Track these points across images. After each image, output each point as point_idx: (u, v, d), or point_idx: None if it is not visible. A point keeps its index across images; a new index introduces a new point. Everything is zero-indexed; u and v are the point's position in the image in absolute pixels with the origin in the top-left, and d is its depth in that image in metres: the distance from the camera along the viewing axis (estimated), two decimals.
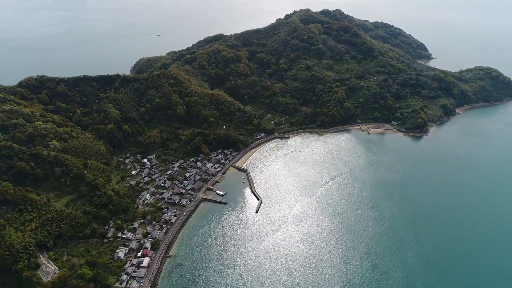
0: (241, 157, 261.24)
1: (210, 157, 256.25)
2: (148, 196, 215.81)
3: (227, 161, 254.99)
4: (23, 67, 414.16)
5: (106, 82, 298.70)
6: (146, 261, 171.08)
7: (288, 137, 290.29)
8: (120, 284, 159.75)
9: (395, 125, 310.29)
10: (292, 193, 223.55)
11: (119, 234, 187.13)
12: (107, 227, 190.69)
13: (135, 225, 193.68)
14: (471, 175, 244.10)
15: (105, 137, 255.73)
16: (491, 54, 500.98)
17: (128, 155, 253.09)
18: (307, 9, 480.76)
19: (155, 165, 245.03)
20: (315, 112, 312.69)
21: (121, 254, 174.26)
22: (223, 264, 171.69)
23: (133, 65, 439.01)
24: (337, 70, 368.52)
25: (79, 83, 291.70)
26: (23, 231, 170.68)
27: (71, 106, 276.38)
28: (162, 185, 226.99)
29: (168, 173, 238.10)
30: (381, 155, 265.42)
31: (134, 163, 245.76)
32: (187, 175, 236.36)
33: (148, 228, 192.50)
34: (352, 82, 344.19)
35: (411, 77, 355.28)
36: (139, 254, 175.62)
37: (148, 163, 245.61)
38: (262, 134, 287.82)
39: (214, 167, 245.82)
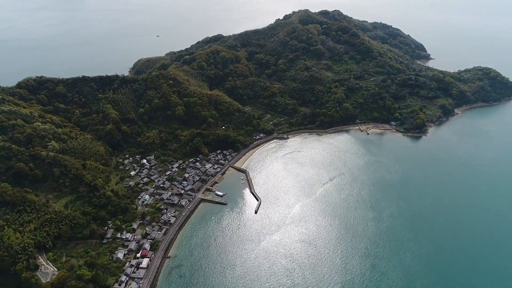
0: (240, 157, 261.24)
1: (209, 157, 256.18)
2: (147, 196, 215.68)
3: (226, 161, 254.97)
4: (21, 67, 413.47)
5: (105, 82, 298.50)
6: (145, 262, 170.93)
7: (287, 138, 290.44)
8: (119, 285, 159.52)
9: (394, 125, 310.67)
10: (291, 193, 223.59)
11: (118, 235, 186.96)
12: (106, 228, 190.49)
13: (134, 226, 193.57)
14: (470, 175, 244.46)
15: (104, 137, 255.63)
16: (489, 55, 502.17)
17: (127, 155, 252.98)
18: (306, 9, 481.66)
19: (154, 165, 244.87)
20: (314, 112, 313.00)
21: (120, 255, 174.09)
22: (223, 264, 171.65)
23: (132, 66, 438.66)
24: (336, 71, 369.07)
25: (78, 84, 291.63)
26: (22, 232, 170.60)
27: (70, 107, 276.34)
28: (161, 185, 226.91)
29: (167, 173, 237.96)
30: (380, 156, 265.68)
31: (133, 164, 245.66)
32: (186, 175, 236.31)
33: (147, 228, 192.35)
34: (351, 83, 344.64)
35: (410, 77, 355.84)
36: (138, 255, 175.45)
37: (147, 163, 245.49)
38: (261, 135, 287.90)
39: (213, 168, 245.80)
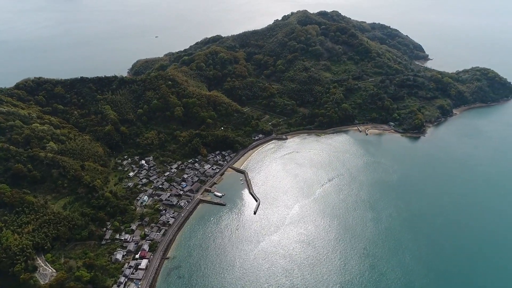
0: (239, 158, 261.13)
1: (208, 158, 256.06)
2: (146, 197, 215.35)
3: (225, 162, 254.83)
4: (20, 68, 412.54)
5: (104, 83, 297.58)
6: (144, 263, 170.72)
7: (286, 138, 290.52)
8: (118, 286, 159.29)
9: (393, 126, 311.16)
10: (290, 194, 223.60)
11: (117, 236, 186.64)
12: (104, 229, 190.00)
13: (133, 227, 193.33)
14: (469, 175, 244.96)
15: (102, 138, 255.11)
16: (487, 55, 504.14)
17: (125, 156, 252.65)
18: (304, 10, 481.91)
19: (153, 166, 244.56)
20: (312, 113, 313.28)
21: (119, 256, 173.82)
22: (222, 265, 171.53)
23: (130, 67, 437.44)
24: (334, 71, 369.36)
25: (76, 85, 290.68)
26: (20, 233, 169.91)
27: (68, 108, 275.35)
28: (160, 186, 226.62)
29: (166, 174, 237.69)
30: (379, 156, 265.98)
31: (132, 165, 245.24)
32: (185, 176, 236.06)
33: (146, 230, 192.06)
34: (350, 83, 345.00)
35: (408, 78, 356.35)
36: (137, 256, 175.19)
37: (146, 164, 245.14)
38: (260, 135, 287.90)
39: (212, 169, 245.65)
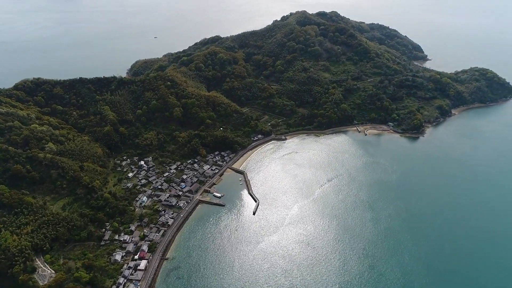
0: (238, 158, 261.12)
1: (207, 159, 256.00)
2: (145, 198, 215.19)
3: (224, 163, 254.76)
4: (18, 69, 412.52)
5: (103, 84, 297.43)
6: (143, 263, 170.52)
7: (285, 139, 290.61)
8: (117, 287, 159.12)
9: (392, 126, 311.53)
10: (290, 194, 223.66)
11: (116, 237, 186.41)
12: (104, 229, 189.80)
13: (132, 227, 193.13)
14: (468, 175, 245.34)
15: (101, 139, 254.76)
16: (486, 55, 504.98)
17: (124, 157, 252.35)
18: (303, 11, 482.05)
19: (152, 167, 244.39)
20: (312, 113, 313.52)
21: (118, 257, 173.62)
22: (221, 266, 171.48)
23: (129, 67, 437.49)
24: (333, 72, 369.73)
25: (75, 86, 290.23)
26: (19, 234, 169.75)
27: (67, 109, 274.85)
28: (159, 187, 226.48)
29: (165, 175, 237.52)
30: (378, 156, 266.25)
31: (131, 166, 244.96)
32: (184, 177, 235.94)
33: (145, 230, 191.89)
34: (349, 84, 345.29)
35: (407, 78, 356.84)
36: (136, 257, 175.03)
37: (145, 165, 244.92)
38: (259, 136, 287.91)
39: (211, 169, 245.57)
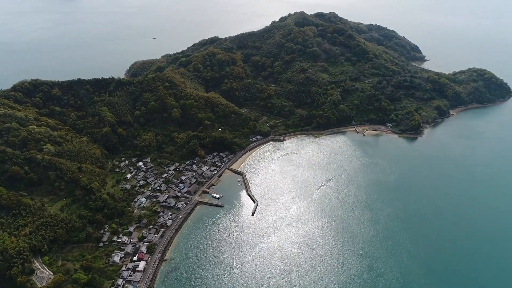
0: (237, 159, 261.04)
1: (205, 160, 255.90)
2: (143, 199, 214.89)
3: (223, 163, 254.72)
4: (16, 70, 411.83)
5: (101, 85, 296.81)
6: (141, 265, 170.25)
7: (284, 140, 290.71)
8: None
9: (390, 126, 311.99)
10: (288, 195, 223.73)
11: (115, 238, 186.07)
12: (102, 231, 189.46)
13: (131, 229, 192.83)
14: (466, 175, 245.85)
15: (100, 140, 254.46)
16: (484, 56, 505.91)
17: (123, 158, 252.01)
18: (301, 12, 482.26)
19: (150, 168, 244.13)
20: (310, 114, 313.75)
21: (116, 258, 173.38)
22: (219, 267, 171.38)
23: (128, 68, 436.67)
24: (332, 73, 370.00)
25: (74, 87, 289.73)
26: (17, 236, 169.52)
27: (66, 110, 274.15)
28: (158, 188, 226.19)
29: (163, 176, 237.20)
30: (376, 157, 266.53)
31: (129, 167, 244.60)
32: (182, 178, 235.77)
33: (143, 231, 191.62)
34: (347, 84, 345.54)
35: (405, 79, 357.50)
36: (134, 258, 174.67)
37: (143, 166, 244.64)
38: (258, 137, 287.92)
39: (210, 170, 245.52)
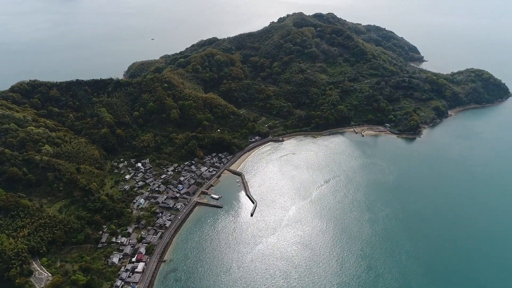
0: (236, 160, 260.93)
1: (204, 160, 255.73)
2: (142, 200, 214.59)
3: (222, 164, 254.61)
4: (15, 71, 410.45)
5: (99, 86, 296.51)
6: (140, 266, 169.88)
7: (283, 140, 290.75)
8: None
9: (389, 127, 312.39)
10: (287, 196, 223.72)
11: (113, 239, 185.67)
12: (101, 232, 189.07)
13: (130, 230, 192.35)
14: (464, 176, 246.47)
15: (98, 141, 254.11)
16: (482, 56, 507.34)
17: (122, 159, 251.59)
18: (300, 12, 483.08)
19: (149, 169, 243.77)
20: (309, 115, 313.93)
21: (115, 259, 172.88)
22: (218, 268, 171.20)
23: (126, 69, 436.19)
24: (330, 73, 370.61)
25: (72, 88, 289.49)
26: (15, 237, 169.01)
27: (64, 111, 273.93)
28: (157, 189, 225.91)
29: (162, 177, 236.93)
30: (375, 157, 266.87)
31: (128, 168, 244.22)
32: (181, 179, 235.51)
33: (142, 232, 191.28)
34: (346, 85, 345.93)
35: (403, 79, 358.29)
36: (133, 259, 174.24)
37: (142, 167, 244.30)
38: (257, 137, 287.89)
39: (209, 171, 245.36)
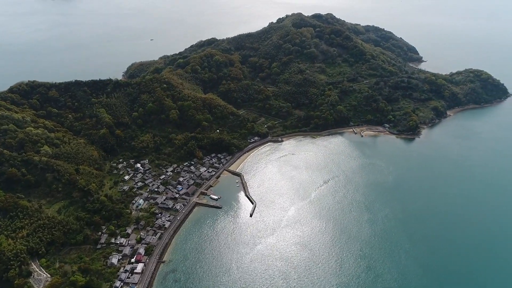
0: (235, 161, 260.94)
1: (203, 161, 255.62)
2: (141, 201, 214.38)
3: (221, 165, 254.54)
4: (13, 72, 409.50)
5: (98, 86, 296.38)
6: (140, 267, 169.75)
7: (282, 141, 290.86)
8: None
9: (388, 127, 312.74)
10: (286, 196, 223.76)
11: (112, 240, 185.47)
12: (100, 233, 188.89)
13: (129, 230, 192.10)
14: (464, 175, 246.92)
15: (97, 142, 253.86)
16: (480, 57, 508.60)
17: (121, 160, 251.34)
18: (299, 13, 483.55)
19: (148, 170, 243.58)
20: (308, 115, 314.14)
21: (114, 260, 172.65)
22: (218, 268, 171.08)
23: (125, 70, 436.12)
24: (329, 74, 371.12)
25: (71, 88, 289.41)
26: (14, 238, 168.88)
27: (63, 111, 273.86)
28: (156, 190, 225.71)
29: (161, 178, 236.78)
30: (374, 158, 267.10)
31: (127, 168, 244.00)
32: (180, 179, 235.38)
33: (141, 233, 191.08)
34: (345, 85, 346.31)
35: (402, 80, 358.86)
36: (132, 260, 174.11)
37: (141, 168, 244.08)
38: (256, 138, 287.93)
39: (208, 171, 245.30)
